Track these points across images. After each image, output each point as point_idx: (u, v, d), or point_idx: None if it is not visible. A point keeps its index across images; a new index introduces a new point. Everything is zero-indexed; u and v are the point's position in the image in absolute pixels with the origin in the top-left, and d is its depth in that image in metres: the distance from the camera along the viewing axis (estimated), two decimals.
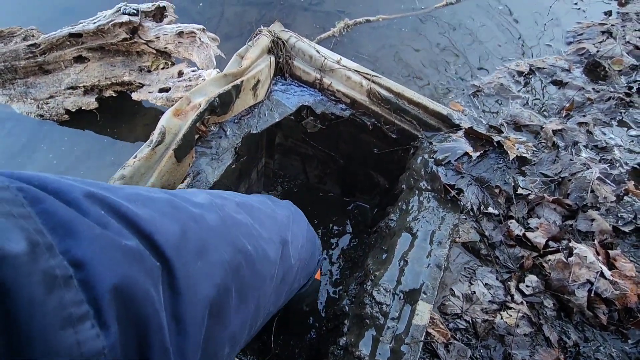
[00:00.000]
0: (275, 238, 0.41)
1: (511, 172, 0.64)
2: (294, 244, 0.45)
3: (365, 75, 0.65)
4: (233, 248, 0.32)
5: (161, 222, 0.27)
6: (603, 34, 1.28)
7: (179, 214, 0.29)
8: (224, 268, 0.30)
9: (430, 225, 0.56)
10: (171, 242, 0.26)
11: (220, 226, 0.32)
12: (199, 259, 0.28)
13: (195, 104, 0.51)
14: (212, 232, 0.31)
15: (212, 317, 0.28)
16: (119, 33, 0.90)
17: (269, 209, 0.45)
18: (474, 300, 0.75)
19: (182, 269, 0.26)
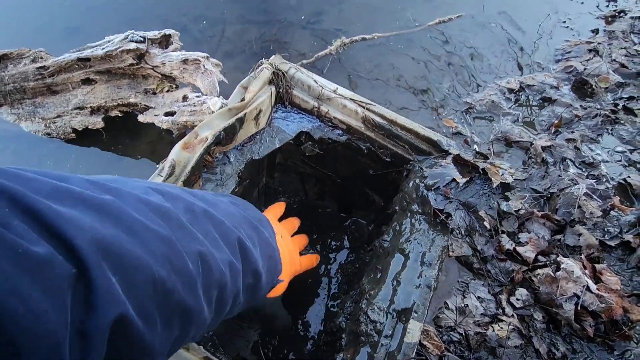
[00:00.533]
0: (224, 259, 0.36)
1: (495, 197, 0.68)
2: (246, 268, 0.41)
3: (360, 103, 0.69)
4: (169, 269, 0.28)
5: (86, 225, 0.23)
6: (590, 52, 1.33)
7: (112, 221, 0.26)
8: (154, 289, 0.27)
9: (421, 247, 0.59)
10: (97, 250, 0.23)
11: (162, 240, 0.29)
12: (127, 274, 0.25)
13: (202, 138, 0.56)
14: (145, 244, 0.27)
15: (124, 337, 0.24)
16: (126, 58, 0.94)
17: (233, 225, 0.41)
18: (467, 313, 0.78)
19: (103, 283, 0.23)
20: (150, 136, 1.18)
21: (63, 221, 0.22)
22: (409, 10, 1.62)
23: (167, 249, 0.29)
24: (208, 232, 0.36)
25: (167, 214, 0.31)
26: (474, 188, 0.65)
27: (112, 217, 0.26)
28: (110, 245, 0.24)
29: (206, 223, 0.36)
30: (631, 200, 1.00)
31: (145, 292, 0.26)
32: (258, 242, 0.46)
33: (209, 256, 0.33)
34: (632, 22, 1.46)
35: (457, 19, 1.55)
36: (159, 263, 0.27)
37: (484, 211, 0.67)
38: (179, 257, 0.30)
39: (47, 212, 0.21)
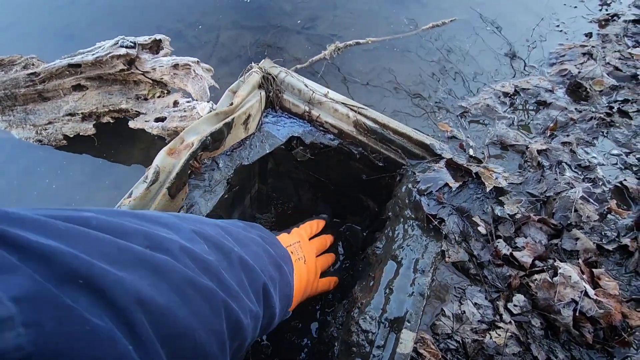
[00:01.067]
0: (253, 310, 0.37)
1: (489, 201, 0.67)
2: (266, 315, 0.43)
3: (352, 107, 0.68)
4: (212, 327, 0.30)
5: (149, 294, 0.24)
6: (584, 55, 1.33)
7: (173, 282, 0.27)
8: (194, 353, 0.28)
9: (414, 254, 0.58)
10: (152, 324, 0.24)
11: (209, 297, 0.30)
12: (174, 343, 0.26)
13: (188, 143, 0.54)
14: (198, 304, 0.29)
15: None
16: (116, 64, 0.93)
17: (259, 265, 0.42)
18: (464, 320, 0.77)
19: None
20: (143, 142, 1.17)
21: (123, 293, 0.22)
22: (403, 15, 1.62)
23: (209, 310, 0.30)
24: (241, 281, 0.37)
25: (209, 268, 0.32)
26: (467, 192, 0.64)
27: (167, 279, 0.27)
28: (164, 317, 0.25)
29: (240, 272, 0.38)
30: (628, 204, 0.99)
31: (186, 356, 0.27)
32: (279, 283, 0.47)
33: (240, 315, 0.34)
34: (625, 25, 1.46)
35: (451, 23, 1.56)
36: (201, 326, 0.29)
37: (478, 216, 0.66)
38: (217, 317, 0.31)
39: (111, 285, 0.22)
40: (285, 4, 1.67)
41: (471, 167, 0.63)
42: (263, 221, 0.99)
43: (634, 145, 1.09)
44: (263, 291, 0.41)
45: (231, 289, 0.34)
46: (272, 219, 1.00)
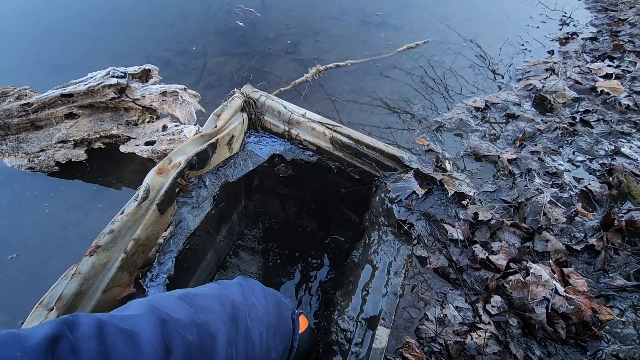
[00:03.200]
0: (225, 318, 0.43)
1: (453, 206, 0.72)
2: (252, 316, 0.47)
3: (328, 125, 0.74)
4: (169, 348, 0.36)
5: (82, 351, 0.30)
6: (547, 71, 1.43)
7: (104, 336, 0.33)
8: None
9: (387, 257, 0.62)
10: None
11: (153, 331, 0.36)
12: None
13: (175, 163, 0.59)
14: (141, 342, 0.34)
15: None
16: (107, 93, 0.99)
17: (216, 289, 0.48)
18: (446, 323, 0.80)
19: None
20: (133, 166, 1.21)
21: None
22: (380, 38, 1.73)
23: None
24: (198, 306, 0.43)
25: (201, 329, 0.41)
26: (433, 199, 0.70)
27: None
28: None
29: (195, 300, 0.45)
30: (593, 206, 1.05)
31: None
32: (264, 293, 0.53)
33: (203, 324, 0.41)
34: (584, 42, 1.58)
35: (424, 44, 1.66)
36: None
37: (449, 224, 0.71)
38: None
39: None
40: (268, 31, 1.76)
41: (436, 175, 0.69)
42: (251, 237, 1.03)
43: (597, 152, 1.16)
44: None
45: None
46: (259, 235, 1.04)
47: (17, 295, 0.97)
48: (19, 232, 1.10)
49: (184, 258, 0.66)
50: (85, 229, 1.09)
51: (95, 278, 0.51)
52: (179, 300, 0.42)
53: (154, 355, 0.34)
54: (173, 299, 0.41)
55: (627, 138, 1.18)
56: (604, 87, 1.32)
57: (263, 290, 0.53)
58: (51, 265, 1.03)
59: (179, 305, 0.41)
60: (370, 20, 1.83)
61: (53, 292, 0.48)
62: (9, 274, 1.01)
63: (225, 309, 0.44)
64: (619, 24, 1.67)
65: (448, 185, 0.69)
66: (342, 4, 1.91)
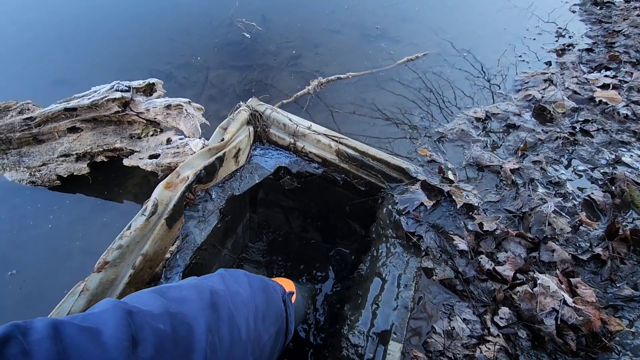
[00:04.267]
0: (205, 307, 0.42)
1: (461, 217, 0.72)
2: (236, 302, 0.46)
3: (333, 137, 0.75)
4: (136, 340, 0.34)
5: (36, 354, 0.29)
6: (545, 81, 1.45)
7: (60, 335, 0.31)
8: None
9: (397, 270, 0.62)
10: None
11: (118, 325, 0.34)
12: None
13: (184, 177, 0.59)
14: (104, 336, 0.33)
15: None
16: (111, 107, 0.99)
17: (194, 279, 0.47)
18: (454, 336, 0.79)
19: None
20: (136, 179, 1.21)
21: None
22: (380, 50, 1.75)
23: None
24: (172, 298, 0.43)
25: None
26: (441, 210, 0.69)
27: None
28: None
29: (170, 292, 0.44)
30: (597, 215, 1.06)
31: None
32: (248, 280, 0.52)
33: (177, 314, 0.41)
34: (580, 53, 1.61)
35: (424, 57, 1.69)
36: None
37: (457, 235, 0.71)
38: None
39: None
40: (269, 45, 1.79)
41: (443, 187, 0.69)
42: (255, 249, 1.02)
43: (598, 161, 1.17)
44: None
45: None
46: (264, 247, 1.03)
47: (17, 312, 0.95)
48: (20, 247, 1.09)
49: (190, 273, 0.65)
50: (87, 243, 1.08)
51: (103, 295, 0.50)
52: (151, 293, 0.40)
53: (119, 347, 0.32)
54: (144, 293, 0.40)
55: (627, 147, 1.19)
56: (602, 97, 1.34)
57: (247, 277, 0.52)
58: (52, 281, 1.01)
59: (151, 297, 0.40)
60: (369, 33, 1.86)
61: (60, 310, 0.47)
62: (9, 290, 0.99)
63: (203, 297, 0.43)
64: (614, 35, 1.70)
65: (456, 196, 0.69)
66: (342, 18, 1.95)
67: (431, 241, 0.66)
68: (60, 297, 0.59)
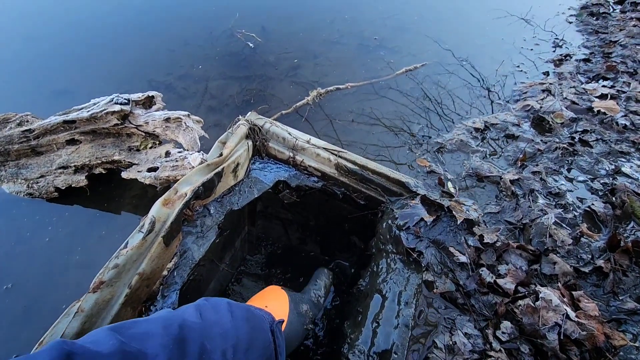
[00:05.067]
0: (166, 341, 0.40)
1: (462, 233, 0.72)
2: (213, 334, 0.45)
3: (332, 151, 0.74)
4: None
5: None
6: (543, 91, 1.46)
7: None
8: None
9: (397, 287, 0.61)
10: None
11: None
12: None
13: (182, 193, 0.58)
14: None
15: None
16: (110, 119, 0.99)
17: (165, 312, 0.46)
18: (456, 351, 0.78)
19: None
20: (134, 191, 1.20)
21: None
22: (379, 61, 1.76)
23: None
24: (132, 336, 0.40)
25: None
26: (441, 225, 0.69)
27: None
28: None
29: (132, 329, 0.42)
30: (598, 227, 1.05)
31: None
32: (229, 309, 0.50)
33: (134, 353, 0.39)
34: (577, 64, 1.62)
35: (422, 67, 1.70)
36: None
37: (455, 248, 0.70)
38: None
39: None
40: (268, 55, 1.80)
41: (443, 202, 0.69)
42: (254, 262, 1.01)
43: (598, 172, 1.17)
44: None
45: None
46: (262, 260, 1.02)
47: (12, 328, 0.93)
48: (16, 260, 1.08)
49: (188, 289, 0.64)
50: (85, 256, 1.07)
51: (98, 316, 0.49)
52: (108, 331, 0.39)
53: None
54: (101, 331, 0.39)
55: (626, 157, 1.19)
56: (601, 107, 1.34)
57: (229, 306, 0.50)
58: (49, 295, 1.00)
59: (106, 336, 0.38)
60: (368, 43, 1.87)
61: (54, 332, 0.46)
62: (5, 304, 0.98)
63: (170, 331, 0.41)
64: (610, 45, 1.71)
65: (456, 211, 0.69)
66: (341, 29, 1.96)
67: (432, 257, 0.65)
68: (57, 311, 0.58)
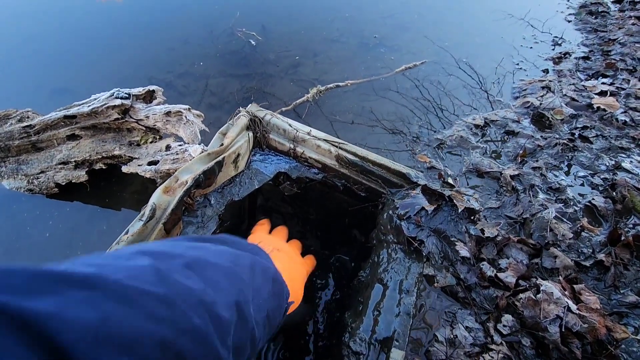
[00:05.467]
0: (231, 300, 0.35)
1: (463, 222, 0.72)
2: (255, 303, 0.40)
3: (333, 142, 0.75)
4: (175, 330, 0.27)
5: (72, 314, 0.22)
6: (543, 88, 1.46)
7: (100, 297, 0.24)
8: (162, 354, 0.26)
9: (398, 275, 0.61)
10: (85, 339, 0.21)
11: (161, 301, 0.28)
12: (124, 354, 0.23)
13: (182, 181, 0.58)
14: (143, 311, 0.26)
15: None
16: (111, 114, 0.99)
17: (229, 261, 0.39)
18: (457, 344, 0.78)
19: None
20: (135, 186, 1.20)
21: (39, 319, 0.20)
22: (378, 59, 1.77)
23: (166, 309, 0.28)
24: (208, 278, 0.34)
25: (159, 273, 0.30)
26: (442, 215, 0.69)
27: (101, 290, 0.25)
28: (104, 328, 0.23)
29: (204, 270, 0.36)
30: (599, 221, 1.05)
31: (155, 358, 0.25)
32: (274, 277, 0.45)
33: (212, 304, 0.32)
34: (577, 61, 1.63)
35: (422, 65, 1.70)
36: (162, 326, 0.27)
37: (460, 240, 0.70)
38: (181, 315, 0.29)
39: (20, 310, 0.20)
40: (268, 53, 1.80)
41: (444, 191, 0.69)
42: None
43: (598, 167, 1.17)
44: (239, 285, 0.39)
45: (192, 286, 0.32)
46: None
47: None
48: (17, 256, 1.07)
49: None
50: (85, 251, 1.07)
51: None
52: (188, 269, 0.34)
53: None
54: (182, 266, 0.34)
55: (626, 153, 1.20)
56: (600, 103, 1.35)
57: (274, 274, 0.46)
58: None
59: (189, 277, 0.33)
60: (368, 42, 1.88)
61: None
62: None
63: (235, 289, 0.37)
64: (610, 43, 1.72)
65: (457, 200, 0.69)
66: (341, 27, 1.97)
67: (433, 246, 0.65)
68: None
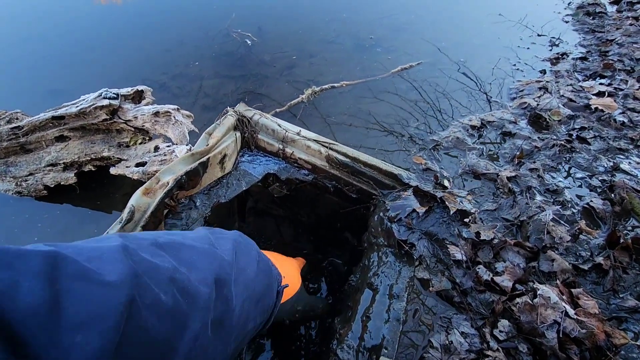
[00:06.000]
0: (209, 277, 0.35)
1: (455, 224, 0.70)
2: (239, 281, 0.40)
3: (323, 143, 0.73)
4: (138, 305, 0.28)
5: (23, 290, 0.22)
6: (540, 89, 1.44)
7: (58, 273, 0.24)
8: (114, 334, 0.25)
9: (388, 280, 0.59)
10: (36, 317, 0.22)
11: (122, 279, 0.28)
12: (78, 331, 0.23)
13: (163, 183, 0.56)
14: (105, 288, 0.26)
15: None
16: (99, 115, 0.97)
17: (207, 244, 0.40)
18: (452, 350, 0.75)
19: (51, 351, 0.22)
20: (124, 188, 1.18)
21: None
22: (374, 60, 1.75)
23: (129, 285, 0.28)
24: (181, 258, 0.35)
25: (127, 250, 0.31)
26: (434, 217, 0.67)
27: (58, 268, 0.25)
28: (57, 306, 0.23)
29: (179, 252, 0.36)
30: (597, 224, 1.03)
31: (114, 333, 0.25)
32: (258, 259, 0.45)
33: (186, 282, 0.33)
34: (574, 62, 1.61)
35: (417, 66, 1.69)
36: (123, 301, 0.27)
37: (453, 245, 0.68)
38: (145, 290, 0.29)
39: None
40: (264, 55, 1.79)
41: (436, 193, 0.67)
42: None
43: (596, 169, 1.15)
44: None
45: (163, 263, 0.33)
46: None
47: None
48: None
49: None
50: None
51: None
52: (158, 248, 0.34)
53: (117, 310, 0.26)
54: (150, 245, 0.34)
55: (625, 154, 1.18)
56: (598, 104, 1.33)
57: (258, 256, 0.46)
58: None
59: (158, 255, 0.34)
60: (364, 43, 1.86)
61: None
62: None
63: (213, 267, 0.37)
64: (607, 44, 1.71)
65: (449, 202, 0.67)
66: (337, 28, 1.96)
67: (424, 249, 0.63)
68: None
